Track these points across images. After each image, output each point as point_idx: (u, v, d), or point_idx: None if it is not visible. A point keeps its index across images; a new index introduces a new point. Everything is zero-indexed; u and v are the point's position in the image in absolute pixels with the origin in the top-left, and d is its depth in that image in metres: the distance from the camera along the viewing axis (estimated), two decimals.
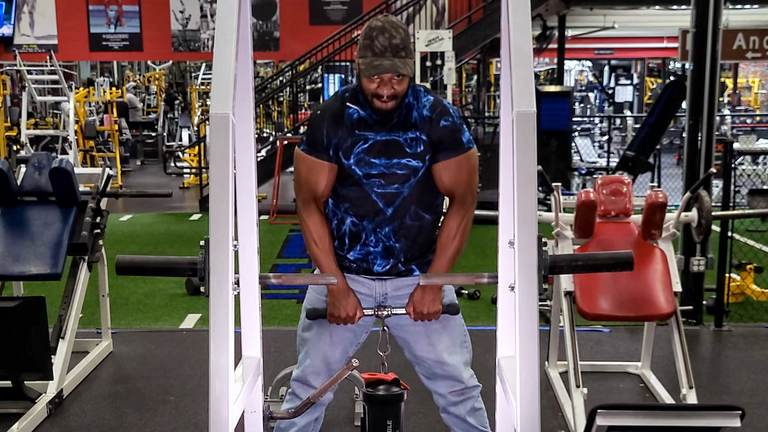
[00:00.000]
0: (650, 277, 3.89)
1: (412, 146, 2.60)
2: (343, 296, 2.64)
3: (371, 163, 2.60)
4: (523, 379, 1.62)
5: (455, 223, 2.65)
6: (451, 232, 2.65)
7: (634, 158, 9.62)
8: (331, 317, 2.65)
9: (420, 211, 2.67)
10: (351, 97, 2.64)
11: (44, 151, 6.61)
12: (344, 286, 2.65)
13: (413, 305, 2.63)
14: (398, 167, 2.61)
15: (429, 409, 3.80)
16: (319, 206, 2.68)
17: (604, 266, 2.12)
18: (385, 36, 2.46)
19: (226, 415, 1.64)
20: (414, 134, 2.60)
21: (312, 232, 2.66)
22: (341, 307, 2.63)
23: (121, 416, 4.11)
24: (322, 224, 2.67)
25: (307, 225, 2.67)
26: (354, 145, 2.60)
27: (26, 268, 4.23)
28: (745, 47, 6.87)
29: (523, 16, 1.73)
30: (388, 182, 2.62)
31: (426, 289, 2.62)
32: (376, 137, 2.60)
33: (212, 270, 1.67)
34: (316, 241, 2.67)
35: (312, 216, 2.66)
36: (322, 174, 2.63)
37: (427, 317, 2.64)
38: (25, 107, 12.23)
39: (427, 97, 2.64)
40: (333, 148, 2.62)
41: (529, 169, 1.64)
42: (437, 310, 2.64)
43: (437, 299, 2.63)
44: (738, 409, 2.46)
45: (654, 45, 20.07)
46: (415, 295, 2.64)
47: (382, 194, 2.63)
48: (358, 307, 2.64)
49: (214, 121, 1.67)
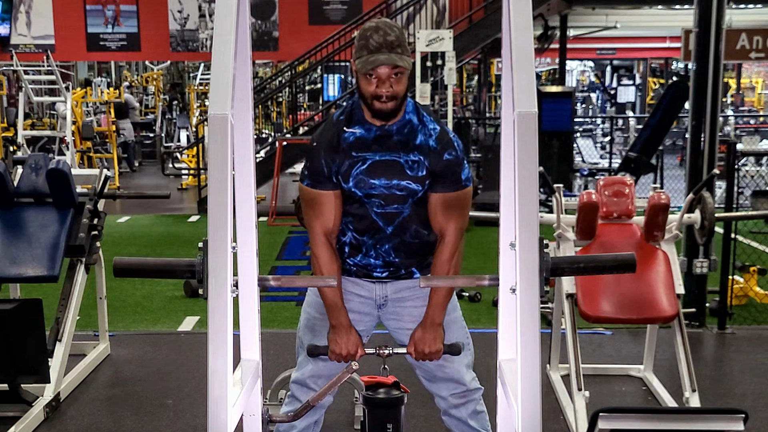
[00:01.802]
0: (653, 279, 3.87)
1: (413, 169, 2.58)
2: (345, 333, 2.62)
3: (371, 184, 2.59)
4: (525, 382, 1.62)
5: (446, 258, 2.62)
6: (443, 270, 2.62)
7: (636, 159, 9.62)
8: (332, 354, 2.63)
9: (420, 230, 2.67)
10: (345, 120, 2.62)
11: (41, 152, 6.57)
12: (346, 323, 2.63)
13: (414, 345, 2.63)
14: (398, 188, 2.59)
15: (429, 412, 3.78)
16: (330, 240, 2.65)
17: (606, 268, 2.10)
18: (379, 34, 2.46)
19: (225, 419, 1.64)
20: (417, 158, 2.58)
21: (321, 268, 2.64)
22: (342, 344, 2.62)
23: (118, 420, 4.09)
24: (332, 261, 2.64)
25: (317, 261, 2.65)
26: (352, 167, 2.58)
27: (23, 270, 4.21)
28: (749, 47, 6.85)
29: (525, 15, 1.72)
30: (388, 202, 2.61)
31: (426, 329, 2.62)
32: (375, 157, 2.58)
33: (211, 272, 1.66)
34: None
35: (322, 252, 2.63)
36: (329, 205, 2.61)
37: (428, 357, 2.63)
38: (21, 108, 12.23)
39: (434, 125, 2.62)
40: (334, 176, 2.60)
41: (530, 170, 1.63)
42: (438, 350, 2.62)
43: (438, 338, 2.62)
44: (741, 412, 2.45)
45: (656, 45, 20.07)
46: (416, 335, 2.63)
47: (382, 214, 2.63)
48: (359, 345, 2.63)
49: (212, 121, 1.67)
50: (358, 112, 2.60)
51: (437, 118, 2.68)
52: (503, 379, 1.87)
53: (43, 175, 4.38)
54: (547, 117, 10.66)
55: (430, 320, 2.61)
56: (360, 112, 2.59)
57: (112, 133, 13.98)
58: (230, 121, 1.67)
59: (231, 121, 1.67)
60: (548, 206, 8.23)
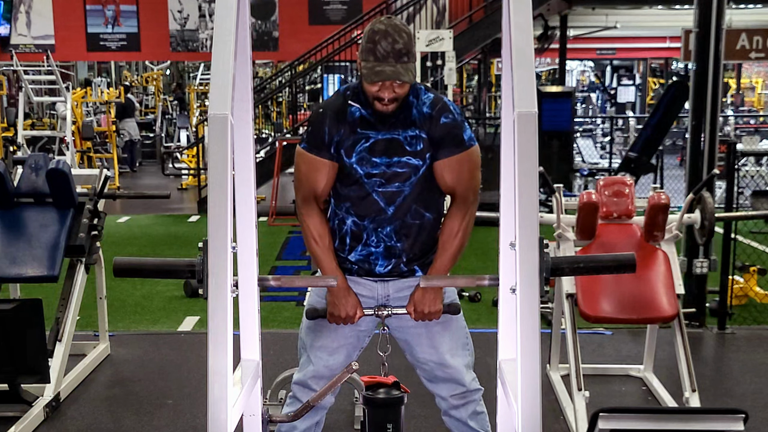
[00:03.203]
0: (653, 279, 3.87)
1: (412, 144, 2.59)
2: (343, 295, 2.63)
3: (373, 162, 2.60)
4: (525, 383, 1.61)
5: (457, 222, 2.64)
6: (452, 231, 2.64)
7: (636, 159, 9.62)
8: (330, 317, 2.64)
9: (421, 210, 2.66)
10: (353, 95, 2.63)
11: (41, 152, 6.57)
12: (344, 285, 2.64)
13: (414, 305, 2.62)
14: (399, 166, 2.60)
15: (429, 412, 3.77)
16: (319, 204, 2.67)
17: (606, 268, 2.10)
18: (388, 41, 2.46)
19: (225, 419, 1.64)
20: (414, 132, 2.59)
21: (312, 230, 2.65)
22: (341, 306, 2.62)
23: (118, 420, 4.09)
24: (322, 222, 2.67)
25: (307, 223, 2.66)
26: (356, 144, 2.60)
27: (23, 270, 4.21)
28: (749, 47, 6.84)
29: (525, 15, 1.72)
30: (389, 181, 2.61)
31: (427, 289, 2.61)
32: (378, 136, 2.60)
33: (211, 272, 1.66)
34: (316, 239, 2.66)
35: (312, 214, 2.66)
36: (323, 172, 2.63)
37: (428, 317, 2.63)
38: (21, 108, 12.23)
39: (427, 94, 2.63)
40: (335, 146, 2.61)
41: (530, 170, 1.63)
42: (438, 310, 2.62)
43: (438, 298, 2.62)
44: (741, 412, 2.45)
45: (656, 45, 20.07)
46: (416, 295, 2.63)
47: (382, 193, 2.62)
48: (358, 307, 2.63)
49: (212, 121, 1.66)
50: (363, 95, 2.61)
51: (432, 90, 2.69)
52: (503, 379, 1.87)
53: (43, 175, 4.38)
54: (547, 117, 10.65)
55: None
56: (364, 95, 2.60)
57: (112, 133, 13.97)
58: (230, 121, 1.67)
59: (231, 121, 1.67)
60: (548, 206, 8.22)
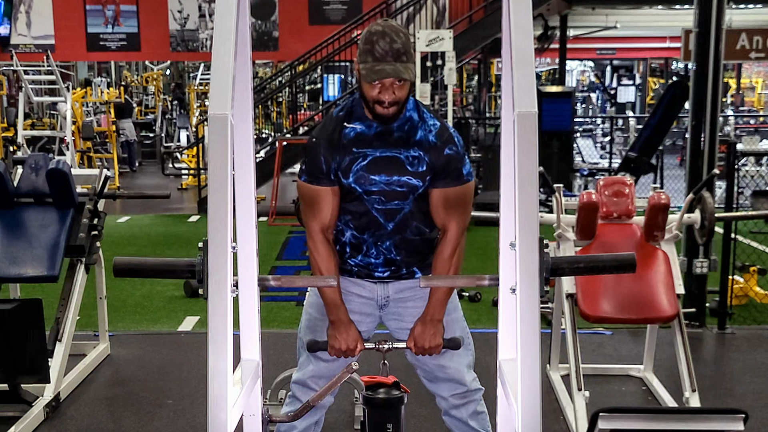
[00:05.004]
0: (653, 279, 3.87)
1: (413, 164, 2.58)
2: (344, 329, 2.62)
3: (371, 180, 2.58)
4: (525, 382, 1.62)
5: (448, 254, 2.62)
6: (445, 266, 2.62)
7: (636, 159, 9.61)
8: (331, 349, 2.63)
9: (421, 226, 2.66)
10: (346, 115, 2.62)
11: (41, 152, 6.57)
12: (345, 318, 2.63)
13: (414, 340, 2.62)
14: (398, 184, 2.59)
15: (430, 412, 3.78)
16: (327, 237, 2.64)
17: (606, 268, 2.10)
18: (385, 40, 2.44)
19: (225, 419, 1.64)
20: (417, 153, 2.58)
21: (319, 264, 2.64)
22: (342, 339, 2.62)
23: (118, 420, 4.09)
24: (330, 257, 2.64)
25: (315, 258, 2.65)
26: (353, 163, 2.58)
27: (23, 270, 4.21)
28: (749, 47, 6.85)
29: (525, 15, 1.72)
30: (389, 199, 2.60)
31: (426, 324, 2.61)
32: (375, 153, 2.58)
33: (211, 272, 1.66)
34: (323, 273, 2.64)
35: (320, 249, 2.63)
36: (326, 201, 2.61)
37: (428, 351, 2.63)
38: (21, 108, 12.23)
39: (434, 121, 2.62)
40: (333, 173, 2.60)
41: (530, 170, 1.63)
42: (438, 344, 2.62)
43: (438, 333, 2.62)
44: (741, 412, 2.45)
45: (656, 45, 20.06)
46: (416, 330, 2.63)
47: (382, 210, 2.62)
48: (359, 340, 2.63)
49: (212, 121, 1.66)
50: (359, 109, 2.60)
51: (437, 115, 2.68)
52: (503, 379, 1.87)
53: (43, 175, 4.38)
54: (547, 117, 10.65)
55: (430, 316, 2.61)
56: (360, 109, 2.59)
57: (112, 133, 13.97)
58: (230, 121, 1.66)
59: (231, 121, 1.67)
60: (548, 206, 8.22)
